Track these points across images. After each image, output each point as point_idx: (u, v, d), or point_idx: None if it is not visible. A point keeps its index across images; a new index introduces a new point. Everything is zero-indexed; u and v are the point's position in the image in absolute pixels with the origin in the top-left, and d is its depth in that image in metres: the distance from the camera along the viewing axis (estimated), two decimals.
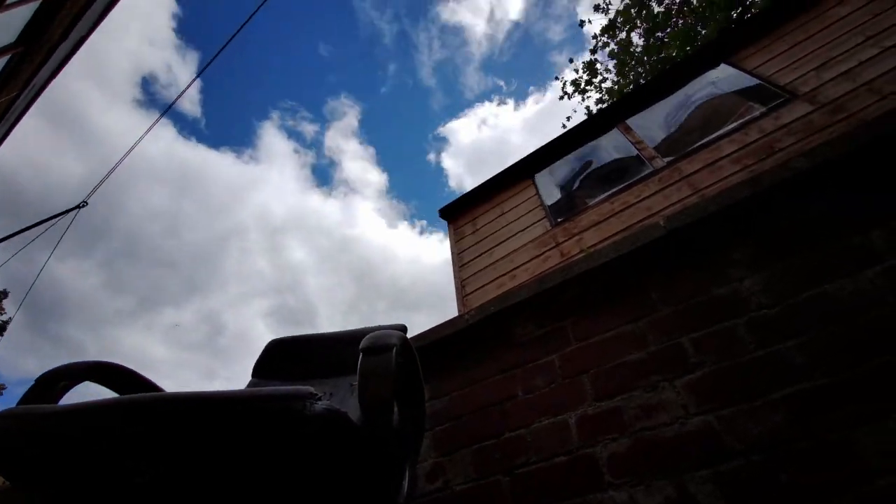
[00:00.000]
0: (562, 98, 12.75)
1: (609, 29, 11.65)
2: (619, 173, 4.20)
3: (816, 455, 1.03)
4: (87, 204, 7.90)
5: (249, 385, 1.44)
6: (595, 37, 11.99)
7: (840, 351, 1.12)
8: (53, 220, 7.64)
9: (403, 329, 1.33)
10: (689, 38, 9.30)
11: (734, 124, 3.57)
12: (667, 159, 3.83)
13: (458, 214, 5.21)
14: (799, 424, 1.08)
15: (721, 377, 1.24)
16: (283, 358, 1.47)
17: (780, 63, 3.62)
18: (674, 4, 10.80)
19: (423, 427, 1.39)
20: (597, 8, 11.61)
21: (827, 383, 1.10)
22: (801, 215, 1.36)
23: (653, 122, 4.38)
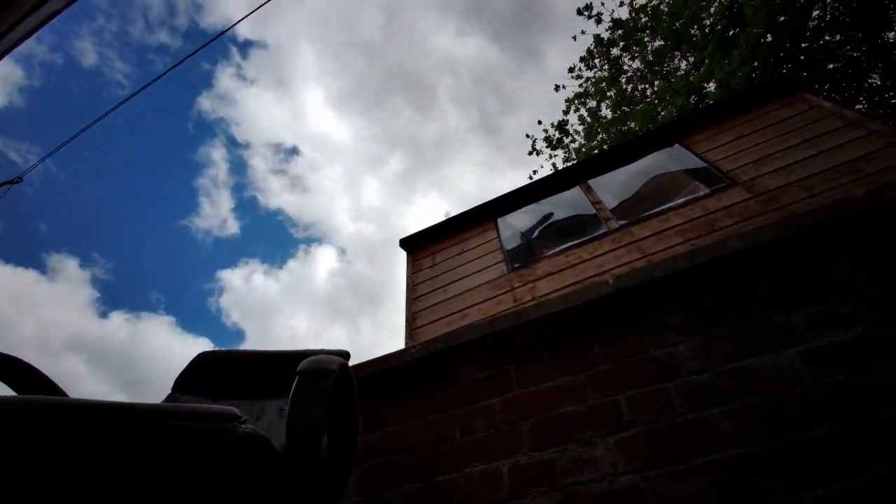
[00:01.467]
0: (531, 153, 13.47)
1: (582, 96, 12.54)
2: (576, 228, 4.39)
3: None
4: None
5: (167, 399, 1.32)
6: (568, 100, 12.85)
7: (762, 423, 1.18)
8: None
9: (346, 356, 1.28)
10: (650, 117, 10.14)
11: (682, 200, 3.86)
12: (621, 222, 4.05)
13: (418, 246, 5.22)
14: (721, 490, 1.12)
15: (651, 438, 1.28)
16: (211, 372, 1.37)
17: (725, 151, 3.99)
18: (639, 85, 11.83)
19: (353, 461, 1.32)
20: (571, 70, 12.51)
21: (749, 452, 1.15)
22: (733, 291, 1.47)
23: (612, 186, 4.66)
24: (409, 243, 5.27)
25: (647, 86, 11.77)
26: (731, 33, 8.05)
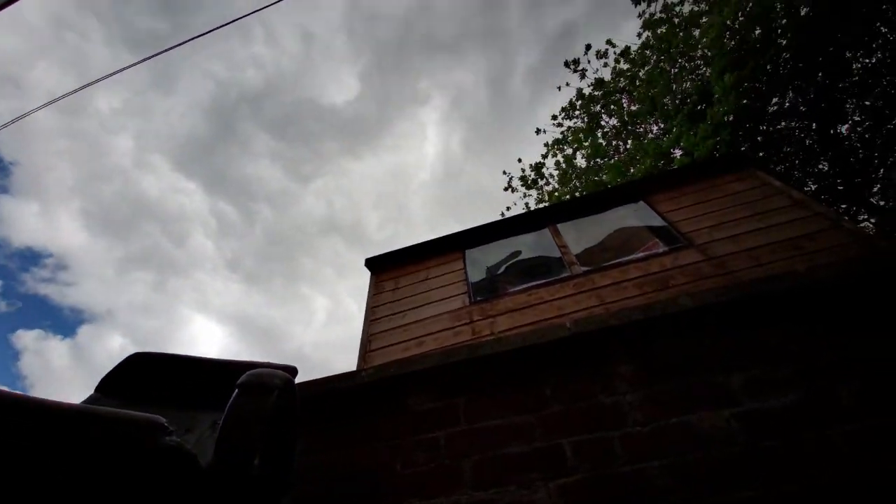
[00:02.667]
0: (506, 189, 13.92)
1: (560, 143, 13.13)
2: (541, 269, 4.49)
3: None
4: None
5: (89, 400, 1.22)
6: (547, 145, 13.41)
7: (696, 480, 1.21)
8: None
9: (293, 372, 1.23)
10: (621, 172, 10.69)
11: (642, 254, 4.04)
12: (584, 268, 4.18)
13: (382, 269, 5.17)
14: None
15: (591, 486, 1.28)
16: (142, 376, 1.28)
17: (684, 214, 4.24)
18: (614, 141, 12.52)
19: (288, 484, 1.25)
20: (553, 118, 13.15)
21: None
22: (680, 346, 1.52)
23: (579, 233, 4.83)
24: (374, 264, 5.21)
25: (621, 143, 12.47)
26: (699, 108, 8.71)
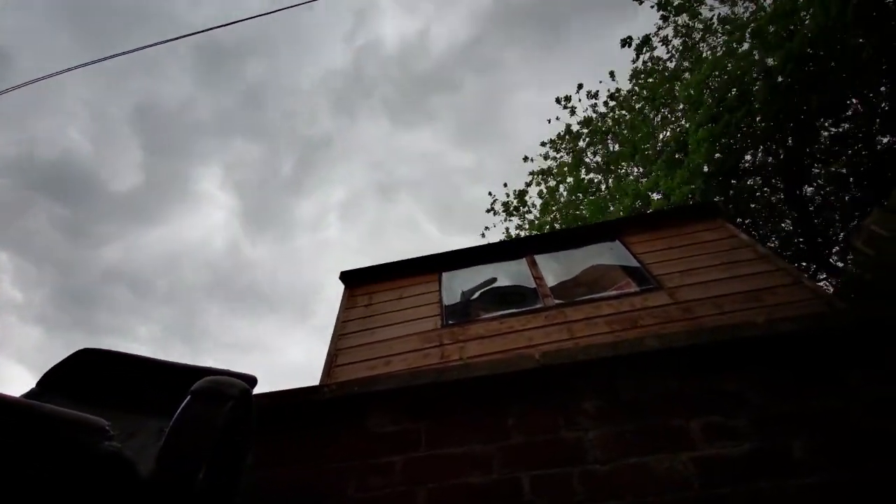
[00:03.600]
0: (488, 211, 14.11)
1: (545, 173, 13.46)
2: (515, 298, 4.51)
3: None
4: None
5: (28, 395, 1.14)
6: (532, 173, 13.73)
7: None
8: None
9: (252, 382, 1.18)
10: (600, 209, 11.01)
11: (614, 292, 4.12)
12: (557, 301, 4.23)
13: (357, 283, 5.11)
14: None
15: None
16: (88, 373, 1.21)
17: (657, 257, 4.37)
18: (596, 178, 12.93)
19: (234, 499, 1.18)
20: (542, 144, 13.54)
21: None
22: (643, 387, 1.55)
23: (555, 265, 4.90)
24: (349, 277, 5.15)
25: (602, 181, 12.88)
26: (677, 156, 9.12)
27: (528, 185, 13.82)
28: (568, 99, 12.77)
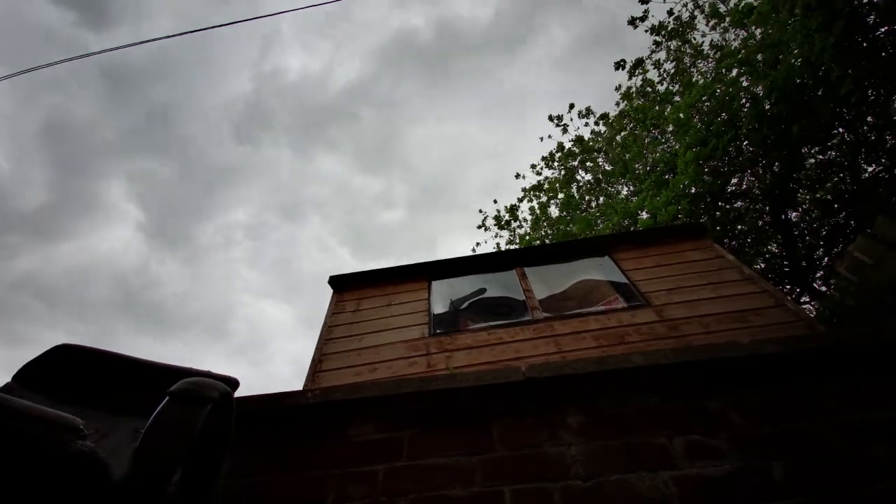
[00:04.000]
0: (479, 227, 14.21)
1: (536, 189, 13.59)
2: (504, 309, 4.51)
3: None
4: None
5: (2, 390, 1.11)
6: (524, 189, 13.84)
7: None
8: None
9: (234, 384, 1.16)
10: (590, 225, 11.12)
11: (602, 307, 4.14)
12: (545, 314, 4.23)
13: (346, 288, 5.07)
14: None
15: None
16: (66, 370, 1.17)
17: (645, 274, 4.41)
18: (586, 195, 13.09)
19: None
20: (532, 166, 13.67)
21: None
22: (628, 403, 1.55)
23: (544, 279, 4.92)
24: (338, 282, 5.11)
25: (593, 198, 13.03)
26: (666, 177, 9.28)
27: (520, 200, 13.98)
28: (560, 117, 13.02)
